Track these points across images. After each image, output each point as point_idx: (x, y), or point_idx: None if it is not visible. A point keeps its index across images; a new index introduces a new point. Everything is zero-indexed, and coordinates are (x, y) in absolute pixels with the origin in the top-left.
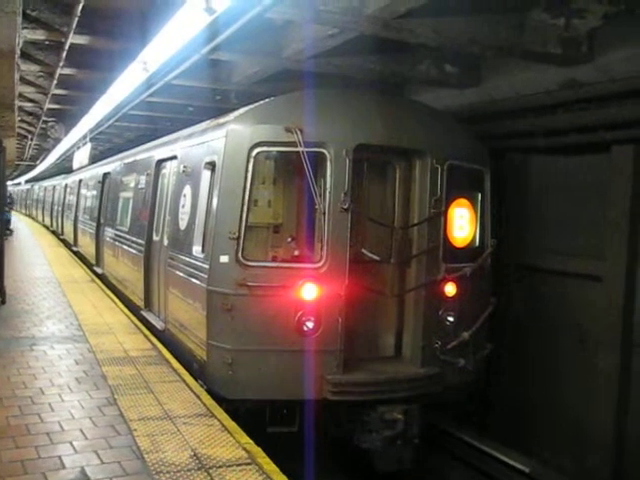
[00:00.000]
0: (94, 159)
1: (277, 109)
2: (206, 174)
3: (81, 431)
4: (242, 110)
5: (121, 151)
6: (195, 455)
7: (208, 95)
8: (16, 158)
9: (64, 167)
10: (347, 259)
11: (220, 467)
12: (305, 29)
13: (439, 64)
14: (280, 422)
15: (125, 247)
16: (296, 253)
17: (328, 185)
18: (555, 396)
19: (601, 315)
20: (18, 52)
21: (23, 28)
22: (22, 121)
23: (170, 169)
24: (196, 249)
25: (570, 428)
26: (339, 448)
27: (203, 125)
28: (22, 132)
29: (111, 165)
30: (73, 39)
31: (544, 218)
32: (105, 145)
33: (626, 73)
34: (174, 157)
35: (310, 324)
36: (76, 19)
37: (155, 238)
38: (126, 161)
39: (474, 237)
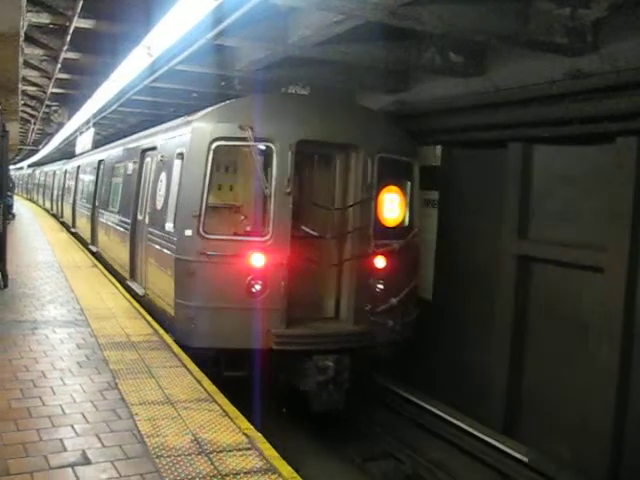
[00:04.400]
0: (97, 144)
1: (233, 110)
2: (177, 163)
3: (82, 415)
4: (205, 110)
5: (120, 138)
6: (195, 440)
7: (212, 81)
8: (19, 142)
9: (66, 152)
10: (289, 234)
11: (220, 452)
12: (310, 16)
13: (444, 52)
14: (234, 368)
15: (115, 227)
16: (248, 229)
17: (274, 173)
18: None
19: (602, 306)
20: (22, 35)
21: (27, 11)
22: (25, 105)
23: (152, 158)
24: (168, 225)
25: (572, 417)
26: (284, 391)
27: (177, 121)
28: (25, 116)
29: (105, 153)
30: (77, 23)
31: (547, 209)
32: (108, 130)
33: (632, 64)
34: (155, 148)
35: (258, 287)
36: (81, 2)
37: (139, 217)
38: (118, 149)
39: (403, 218)
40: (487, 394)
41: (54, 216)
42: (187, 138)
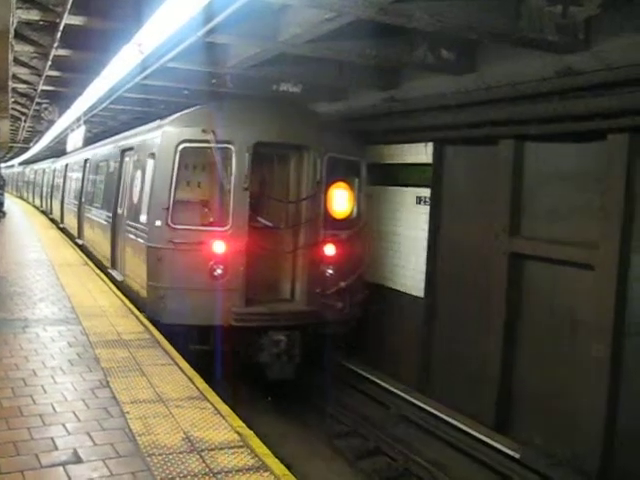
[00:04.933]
0: (88, 142)
1: (198, 116)
2: (150, 162)
3: (74, 413)
4: (174, 116)
5: (111, 135)
6: (187, 438)
7: (204, 78)
8: (9, 140)
9: (57, 150)
10: (246, 225)
11: (212, 450)
12: (301, 13)
13: (435, 50)
14: (199, 342)
15: (99, 221)
16: (211, 220)
17: (233, 171)
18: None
19: (593, 303)
20: (12, 32)
21: (17, 8)
22: (16, 102)
23: (130, 157)
24: (142, 217)
25: (563, 413)
26: (244, 363)
27: (151, 125)
28: (16, 114)
29: (91, 152)
30: (68, 20)
31: (538, 206)
32: (99, 127)
33: (623, 61)
34: (132, 148)
35: (219, 271)
36: None
37: (119, 212)
38: (102, 149)
39: (351, 211)
40: (481, 389)
41: (44, 213)
42: (157, 140)
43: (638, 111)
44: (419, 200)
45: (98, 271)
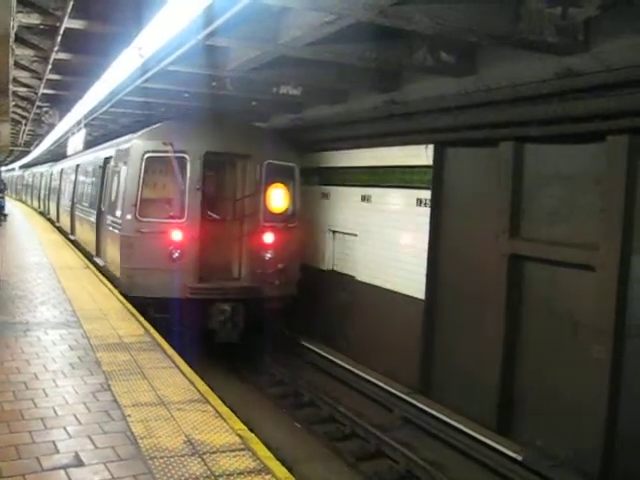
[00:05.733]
0: (88, 145)
1: (160, 131)
2: (124, 168)
3: (75, 416)
4: (141, 131)
5: (111, 139)
6: (189, 441)
7: (204, 81)
8: (10, 144)
9: (58, 153)
10: (199, 218)
11: (214, 453)
12: (302, 16)
13: (435, 52)
14: (161, 311)
15: (88, 218)
16: (171, 214)
17: (188, 175)
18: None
19: (594, 304)
20: (12, 36)
21: (18, 12)
22: (16, 106)
23: (110, 164)
24: (118, 212)
25: (564, 414)
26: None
27: (125, 137)
28: (16, 117)
29: (82, 158)
30: (68, 23)
31: (538, 207)
32: (100, 131)
33: (622, 63)
34: (111, 156)
35: (177, 254)
36: (71, 3)
37: (102, 209)
38: (90, 156)
39: (287, 207)
40: (480, 391)
41: (42, 214)
42: (129, 151)
43: (637, 112)
44: (419, 202)
45: (98, 274)
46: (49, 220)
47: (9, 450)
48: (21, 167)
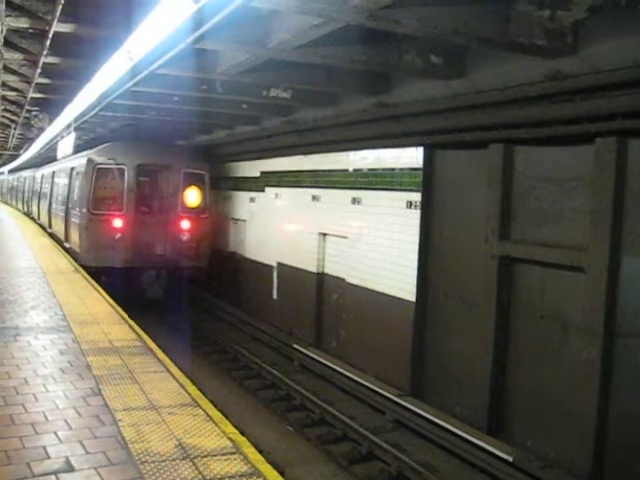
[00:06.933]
0: (78, 149)
1: (107, 149)
2: (82, 176)
3: (65, 421)
4: (94, 149)
5: (100, 143)
6: (180, 445)
7: (194, 85)
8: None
9: (47, 157)
10: (133, 210)
11: (205, 457)
12: (290, 19)
13: (424, 55)
14: (108, 277)
15: (60, 214)
16: (113, 208)
17: (126, 180)
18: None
19: (584, 305)
20: (1, 40)
21: (7, 16)
22: (5, 110)
23: (74, 172)
24: (78, 208)
25: (554, 415)
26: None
27: (84, 153)
28: (5, 121)
29: (57, 166)
30: (57, 27)
31: (528, 209)
32: (89, 135)
33: (610, 65)
34: (75, 167)
35: (118, 236)
36: (60, 7)
37: (69, 206)
38: (62, 165)
39: (200, 203)
40: (471, 392)
41: (26, 214)
42: (85, 164)
43: (626, 114)
44: (409, 204)
45: (89, 278)
46: (32, 219)
47: None
48: (10, 171)
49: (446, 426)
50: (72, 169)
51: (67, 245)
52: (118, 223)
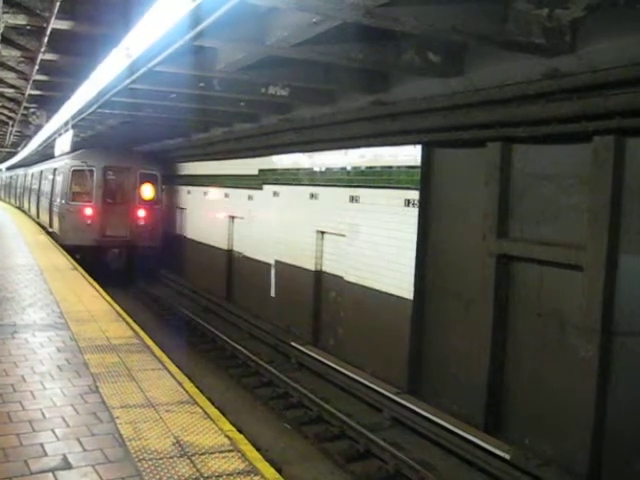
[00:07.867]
0: (76, 146)
1: (80, 154)
2: (61, 175)
3: (63, 419)
4: (71, 154)
5: (99, 140)
6: (178, 442)
7: (192, 82)
8: None
9: (44, 154)
10: (102, 202)
11: (203, 454)
12: (288, 17)
13: (422, 53)
14: (82, 254)
15: (46, 206)
16: (86, 199)
17: (95, 179)
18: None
19: (582, 303)
20: None
21: (4, 13)
22: (3, 107)
23: (57, 172)
24: (59, 199)
25: (552, 413)
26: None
27: (64, 156)
28: (3, 119)
29: (44, 166)
30: (55, 24)
31: (526, 208)
32: (87, 132)
33: (608, 63)
34: (57, 168)
35: (89, 221)
36: (58, 4)
37: (53, 199)
38: (48, 165)
39: (153, 196)
40: (468, 390)
41: (18, 208)
42: (63, 166)
43: (623, 113)
44: (407, 203)
45: (87, 276)
46: (23, 212)
47: None
48: (8, 169)
49: (443, 424)
50: (55, 170)
51: (50, 229)
52: (89, 212)
